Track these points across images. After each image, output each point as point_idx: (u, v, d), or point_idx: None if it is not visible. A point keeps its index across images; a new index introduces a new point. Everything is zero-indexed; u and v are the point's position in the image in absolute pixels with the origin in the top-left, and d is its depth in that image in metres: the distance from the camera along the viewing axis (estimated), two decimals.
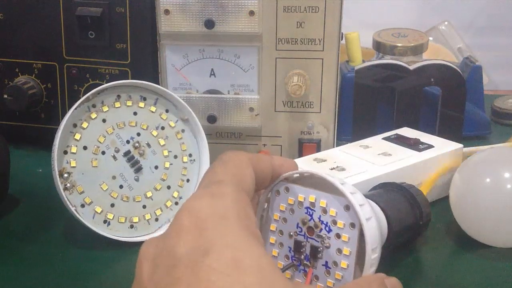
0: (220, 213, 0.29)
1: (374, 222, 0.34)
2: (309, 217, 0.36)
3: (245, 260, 0.27)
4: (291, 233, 0.36)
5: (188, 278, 0.26)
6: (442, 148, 0.54)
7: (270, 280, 0.26)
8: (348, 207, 0.34)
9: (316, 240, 0.35)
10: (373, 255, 0.34)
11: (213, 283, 0.26)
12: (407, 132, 0.58)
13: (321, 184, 0.35)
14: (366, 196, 0.42)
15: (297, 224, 0.36)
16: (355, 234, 0.34)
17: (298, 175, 0.36)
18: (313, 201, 0.35)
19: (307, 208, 0.36)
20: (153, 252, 0.29)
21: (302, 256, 0.36)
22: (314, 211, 0.35)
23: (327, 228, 0.35)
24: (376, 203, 0.41)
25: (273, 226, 0.37)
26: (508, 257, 0.46)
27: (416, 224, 0.45)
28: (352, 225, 0.34)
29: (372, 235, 0.34)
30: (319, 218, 0.35)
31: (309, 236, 0.36)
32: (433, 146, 0.54)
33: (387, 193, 0.45)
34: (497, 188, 0.45)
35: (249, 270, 0.26)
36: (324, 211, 0.35)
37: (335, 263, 0.35)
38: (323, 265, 0.35)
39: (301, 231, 0.36)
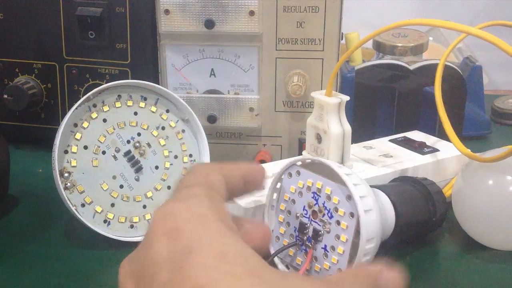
0: (196, 212, 0.29)
1: (373, 214, 0.37)
2: (315, 202, 0.38)
3: (230, 253, 0.27)
4: (298, 215, 0.39)
5: (174, 279, 0.26)
6: (447, 152, 0.53)
7: (257, 269, 0.27)
8: (350, 197, 0.36)
9: (318, 224, 0.38)
10: (367, 245, 0.36)
11: (201, 278, 0.25)
12: (416, 135, 0.58)
13: (329, 172, 0.38)
14: (380, 187, 0.43)
15: (304, 206, 0.39)
16: (353, 223, 0.36)
17: (310, 161, 0.39)
18: (319, 187, 0.38)
19: (314, 193, 0.38)
20: (134, 269, 0.29)
21: (305, 237, 0.39)
22: (320, 196, 0.38)
23: (329, 214, 0.38)
24: (388, 195, 0.43)
25: (282, 206, 0.40)
26: (510, 259, 0.46)
27: (429, 220, 0.45)
28: (352, 215, 0.36)
29: (369, 226, 0.36)
30: (323, 204, 0.38)
31: (313, 219, 0.39)
32: (438, 150, 0.54)
33: (402, 187, 0.46)
34: (500, 190, 0.45)
35: (237, 261, 0.26)
36: (328, 198, 0.37)
37: (333, 248, 0.37)
38: (322, 248, 0.38)
39: (306, 214, 0.39)
